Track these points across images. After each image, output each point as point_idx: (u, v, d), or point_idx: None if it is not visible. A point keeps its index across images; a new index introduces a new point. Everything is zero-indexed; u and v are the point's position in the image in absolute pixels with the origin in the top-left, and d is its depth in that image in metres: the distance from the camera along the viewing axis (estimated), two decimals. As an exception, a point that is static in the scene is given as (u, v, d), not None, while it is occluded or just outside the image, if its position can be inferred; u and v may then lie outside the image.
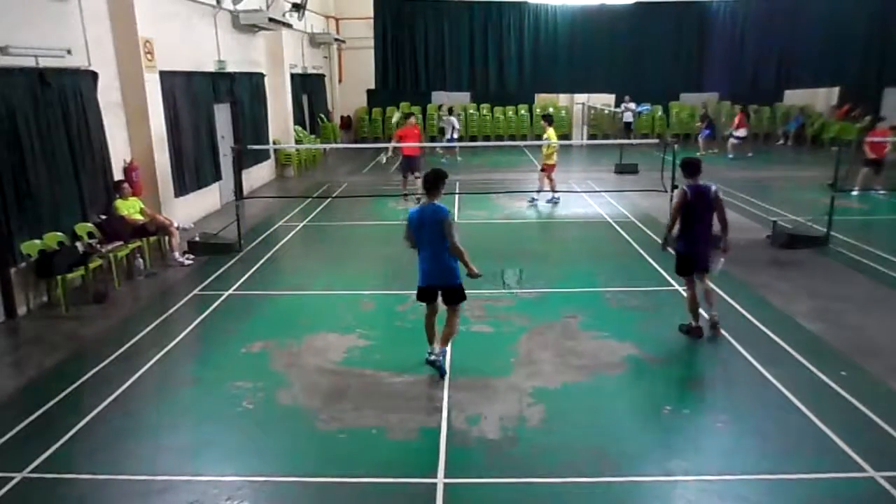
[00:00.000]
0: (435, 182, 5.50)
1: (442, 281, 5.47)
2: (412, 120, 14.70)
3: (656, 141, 19.33)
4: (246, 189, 13.31)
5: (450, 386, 5.40)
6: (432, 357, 5.54)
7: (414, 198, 12.92)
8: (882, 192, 12.98)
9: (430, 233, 5.32)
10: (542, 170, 12.76)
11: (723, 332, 6.26)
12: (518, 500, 4.06)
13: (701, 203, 6.18)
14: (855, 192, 12.74)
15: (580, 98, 23.51)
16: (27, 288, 7.38)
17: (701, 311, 6.31)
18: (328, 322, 6.87)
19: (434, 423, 4.84)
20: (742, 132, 19.18)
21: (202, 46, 12.39)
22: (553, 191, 12.81)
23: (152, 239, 9.13)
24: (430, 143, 19.57)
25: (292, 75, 17.92)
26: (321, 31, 21.52)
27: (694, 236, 6.23)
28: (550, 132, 12.71)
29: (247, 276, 8.58)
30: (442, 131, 21.17)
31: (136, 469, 4.36)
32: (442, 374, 5.51)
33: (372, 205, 13.15)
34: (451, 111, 20.95)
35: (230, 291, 7.95)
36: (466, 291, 5.63)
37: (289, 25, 16.23)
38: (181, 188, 11.07)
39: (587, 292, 7.73)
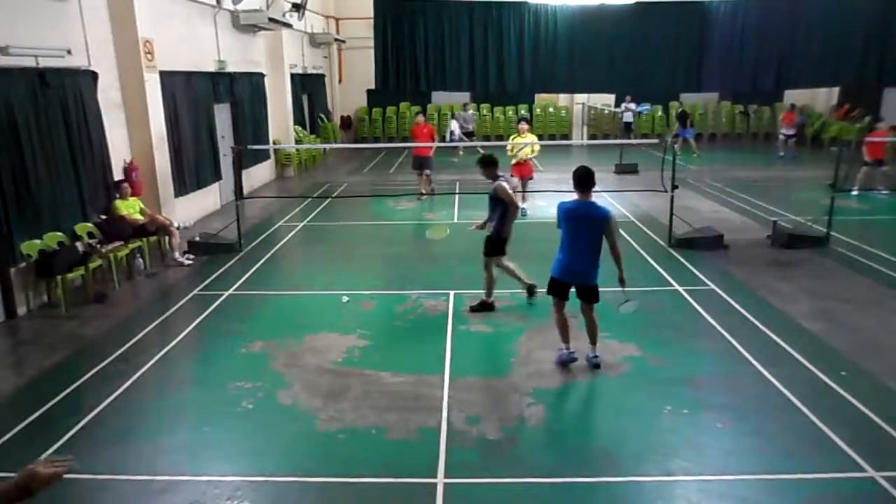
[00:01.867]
0: (580, 180, 5.47)
1: (581, 280, 5.56)
2: (420, 118, 14.65)
3: (656, 141, 19.34)
4: (246, 189, 13.31)
5: (450, 386, 5.41)
6: (572, 352, 5.67)
7: (427, 197, 13.01)
8: (884, 191, 12.99)
9: (584, 229, 5.39)
10: (523, 175, 11.80)
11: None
12: (518, 500, 4.06)
13: None
14: (855, 192, 12.74)
15: (580, 98, 23.51)
16: (27, 288, 7.38)
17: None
18: (328, 322, 6.86)
19: (434, 423, 4.84)
20: (784, 129, 19.19)
21: (202, 46, 12.39)
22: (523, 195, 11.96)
23: (152, 239, 9.13)
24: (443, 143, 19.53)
25: (292, 75, 17.92)
26: (321, 31, 21.52)
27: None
28: (532, 135, 12.52)
29: (247, 276, 8.58)
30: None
31: (136, 469, 4.36)
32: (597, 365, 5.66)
33: (372, 205, 13.15)
34: (452, 115, 20.94)
35: (230, 291, 7.95)
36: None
37: (289, 25, 16.23)
38: (181, 188, 11.07)
39: (587, 292, 7.72)
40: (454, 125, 20.30)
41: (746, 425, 4.78)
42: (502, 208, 6.83)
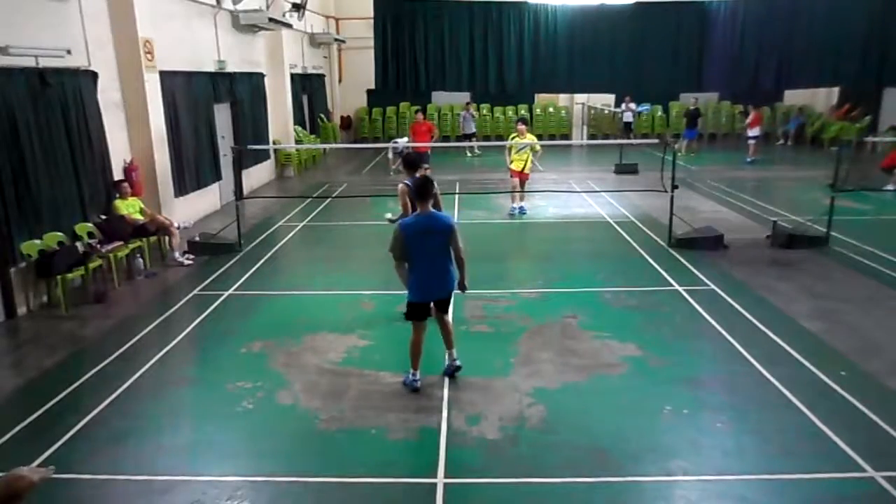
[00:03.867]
0: (427, 189, 5.14)
1: (445, 291, 5.30)
2: (420, 116, 14.71)
3: (656, 141, 19.34)
4: (246, 189, 13.31)
5: (450, 386, 5.41)
6: (417, 380, 5.36)
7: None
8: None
9: (434, 243, 5.11)
10: (523, 177, 11.95)
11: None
12: (518, 500, 4.06)
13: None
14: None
15: (580, 98, 23.51)
16: (27, 288, 7.38)
17: None
18: (328, 322, 6.86)
19: (434, 423, 4.84)
20: (753, 131, 18.67)
21: (202, 46, 12.39)
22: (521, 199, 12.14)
23: (152, 239, 9.13)
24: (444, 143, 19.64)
25: (292, 75, 17.92)
26: (321, 31, 21.52)
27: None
28: (531, 136, 12.43)
29: (247, 276, 8.58)
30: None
31: (136, 469, 4.36)
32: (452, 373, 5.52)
33: (372, 205, 13.14)
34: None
35: (230, 291, 7.95)
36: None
37: (289, 25, 16.23)
38: (181, 188, 11.07)
39: (587, 292, 7.73)
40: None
41: (746, 425, 4.78)
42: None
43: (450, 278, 5.29)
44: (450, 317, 5.59)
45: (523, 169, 11.83)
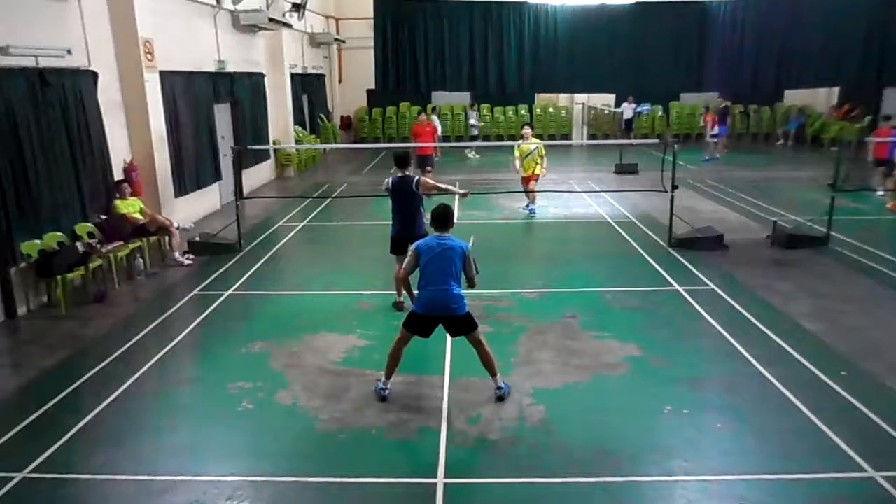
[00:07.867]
0: (447, 219, 5.27)
1: (447, 312, 5.07)
2: (423, 117, 14.71)
3: (656, 141, 19.34)
4: (246, 189, 13.30)
5: (450, 386, 5.41)
6: (386, 389, 5.23)
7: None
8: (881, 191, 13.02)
9: (445, 264, 5.05)
10: (535, 179, 11.93)
11: None
12: (518, 500, 4.06)
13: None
14: (880, 193, 12.76)
15: (580, 98, 23.52)
16: (27, 288, 7.38)
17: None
18: (328, 322, 6.86)
19: (434, 423, 4.84)
20: (710, 130, 18.91)
21: (202, 46, 12.39)
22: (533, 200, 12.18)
23: (152, 239, 9.13)
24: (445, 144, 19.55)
25: (292, 75, 17.92)
26: (321, 31, 21.53)
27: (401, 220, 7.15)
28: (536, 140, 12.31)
29: (247, 276, 8.58)
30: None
31: (136, 469, 4.36)
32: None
33: (372, 205, 13.13)
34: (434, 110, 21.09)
35: (230, 291, 7.95)
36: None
37: (289, 25, 16.24)
38: (181, 188, 11.07)
39: (587, 292, 7.73)
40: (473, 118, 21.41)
41: (746, 425, 4.78)
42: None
43: (454, 300, 5.06)
44: (484, 342, 5.17)
45: (533, 171, 11.80)
